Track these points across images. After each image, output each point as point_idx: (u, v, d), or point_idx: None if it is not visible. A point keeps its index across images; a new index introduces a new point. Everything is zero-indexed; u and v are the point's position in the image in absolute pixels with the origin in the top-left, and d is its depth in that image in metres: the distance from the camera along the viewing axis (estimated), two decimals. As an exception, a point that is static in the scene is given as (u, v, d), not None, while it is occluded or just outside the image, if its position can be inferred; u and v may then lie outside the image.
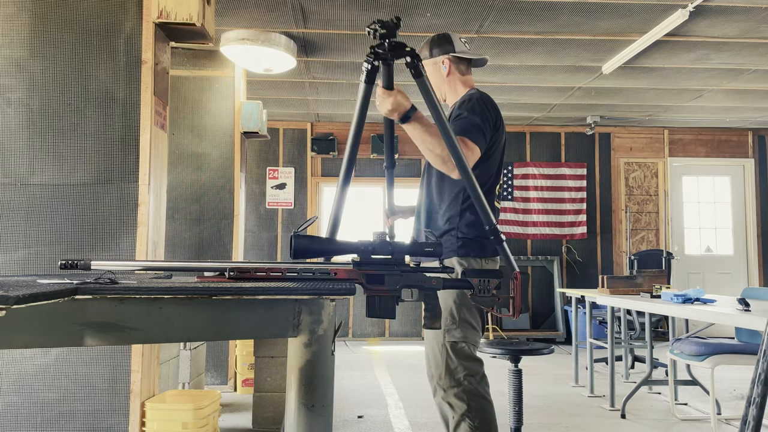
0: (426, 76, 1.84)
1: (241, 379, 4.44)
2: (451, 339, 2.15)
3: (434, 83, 2.30)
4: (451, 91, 2.35)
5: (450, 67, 2.33)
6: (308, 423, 1.22)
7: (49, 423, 2.61)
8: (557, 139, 7.83)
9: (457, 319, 2.16)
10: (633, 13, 4.13)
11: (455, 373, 2.14)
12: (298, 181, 7.59)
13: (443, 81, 2.34)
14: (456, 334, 2.15)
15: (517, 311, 1.53)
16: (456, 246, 2.19)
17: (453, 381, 2.14)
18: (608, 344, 4.18)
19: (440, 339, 2.16)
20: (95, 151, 2.72)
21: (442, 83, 2.34)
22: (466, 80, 2.37)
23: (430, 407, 4.14)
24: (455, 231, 2.20)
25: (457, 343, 2.15)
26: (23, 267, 2.66)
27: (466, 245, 2.19)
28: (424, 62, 2.29)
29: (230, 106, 4.76)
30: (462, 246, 2.19)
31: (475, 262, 2.19)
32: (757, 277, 7.78)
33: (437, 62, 2.33)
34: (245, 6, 4.07)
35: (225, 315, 1.21)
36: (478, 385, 2.15)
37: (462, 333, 2.15)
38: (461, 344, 2.16)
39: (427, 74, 2.27)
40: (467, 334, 2.16)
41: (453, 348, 2.15)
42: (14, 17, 2.72)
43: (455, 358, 2.15)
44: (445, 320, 2.16)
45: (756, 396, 1.49)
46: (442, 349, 2.16)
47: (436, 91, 2.31)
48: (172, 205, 4.56)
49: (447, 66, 2.33)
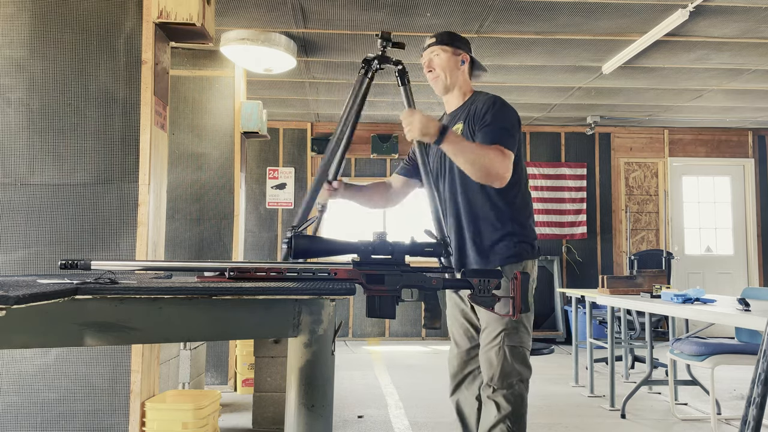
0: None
1: (241, 379, 4.44)
2: (511, 343, 2.16)
3: (447, 69, 2.31)
4: (459, 88, 2.35)
5: (467, 65, 2.35)
6: (308, 423, 1.22)
7: (49, 423, 2.61)
8: (557, 139, 7.83)
9: (517, 322, 2.17)
10: (633, 13, 4.13)
11: (509, 376, 2.16)
12: (298, 181, 7.59)
13: (457, 72, 2.33)
14: (515, 338, 2.16)
15: (517, 311, 1.53)
16: (514, 251, 2.18)
17: (505, 383, 2.16)
18: (608, 344, 4.18)
19: (498, 342, 2.17)
20: (95, 151, 2.72)
21: (455, 73, 2.33)
22: (470, 83, 2.40)
23: (430, 407, 4.14)
24: (512, 237, 2.19)
25: (516, 347, 2.17)
26: (23, 267, 2.66)
27: (524, 249, 2.20)
28: (444, 47, 2.31)
29: (230, 106, 4.76)
30: (521, 251, 2.19)
31: (531, 264, 2.22)
32: (757, 277, 7.78)
33: (459, 54, 2.33)
34: (245, 6, 4.07)
35: (225, 315, 1.21)
36: (525, 391, 2.20)
37: (520, 337, 2.17)
38: (519, 348, 2.17)
39: (443, 59, 2.33)
40: (524, 338, 2.19)
41: (512, 351, 2.16)
42: (14, 17, 2.72)
43: (512, 362, 2.16)
44: (505, 323, 2.16)
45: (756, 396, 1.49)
46: (500, 351, 2.16)
47: (446, 77, 2.32)
48: (172, 205, 4.56)
49: (466, 62, 2.35)
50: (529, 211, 2.28)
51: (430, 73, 2.35)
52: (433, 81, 2.36)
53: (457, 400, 2.38)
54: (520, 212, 2.22)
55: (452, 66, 2.32)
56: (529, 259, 2.21)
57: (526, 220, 2.24)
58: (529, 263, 2.21)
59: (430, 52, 2.34)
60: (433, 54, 2.33)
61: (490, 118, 2.18)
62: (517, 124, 2.22)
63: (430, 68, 2.34)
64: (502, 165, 2.06)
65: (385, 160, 7.57)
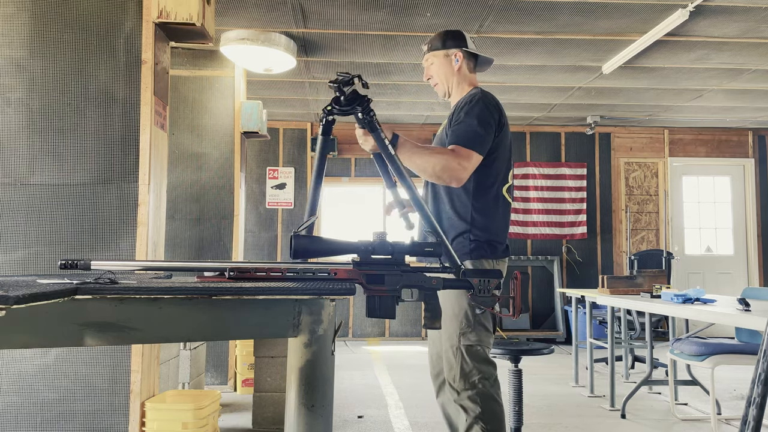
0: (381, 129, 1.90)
1: (241, 379, 4.44)
2: (467, 342, 2.14)
3: (443, 75, 2.33)
4: (458, 86, 2.34)
5: (461, 62, 2.32)
6: (308, 423, 1.22)
7: (49, 423, 2.61)
8: (557, 139, 7.83)
9: (472, 321, 2.15)
10: (633, 13, 4.13)
11: (470, 376, 2.14)
12: (298, 181, 7.59)
13: (452, 74, 2.33)
14: (471, 337, 2.15)
15: (517, 311, 1.53)
16: (469, 249, 2.18)
17: (467, 384, 2.14)
18: (608, 344, 4.18)
19: (454, 342, 2.16)
20: (95, 151, 2.72)
21: (450, 76, 2.33)
22: (472, 79, 2.36)
23: (430, 407, 4.14)
24: (467, 234, 2.19)
25: (472, 346, 2.15)
26: (23, 267, 2.66)
27: (479, 248, 2.19)
28: (435, 53, 2.33)
29: (230, 106, 4.76)
30: (475, 249, 2.18)
31: (488, 264, 2.20)
32: (757, 277, 7.78)
33: (450, 54, 2.32)
34: (245, 6, 4.06)
35: (225, 315, 1.21)
36: (491, 388, 2.16)
37: (477, 336, 2.15)
38: (476, 347, 2.15)
39: (437, 65, 2.33)
40: (482, 336, 2.16)
41: (468, 351, 2.14)
42: (14, 17, 2.72)
43: (470, 361, 2.14)
44: (459, 323, 2.15)
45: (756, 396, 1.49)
46: (457, 351, 2.15)
47: (443, 82, 2.34)
48: (172, 205, 4.56)
49: (459, 59, 2.32)
50: (498, 212, 2.23)
51: (429, 81, 2.39)
52: (435, 89, 2.39)
53: (441, 402, 2.37)
54: (483, 212, 2.20)
55: (447, 70, 2.33)
56: (487, 258, 2.19)
57: (489, 220, 2.20)
58: (485, 262, 2.19)
59: (425, 60, 2.36)
60: (428, 63, 2.36)
61: (462, 116, 2.18)
62: (491, 121, 2.18)
63: (427, 77, 2.38)
64: (454, 167, 2.07)
65: (385, 160, 7.54)
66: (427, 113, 7.15)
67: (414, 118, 7.40)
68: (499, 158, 2.23)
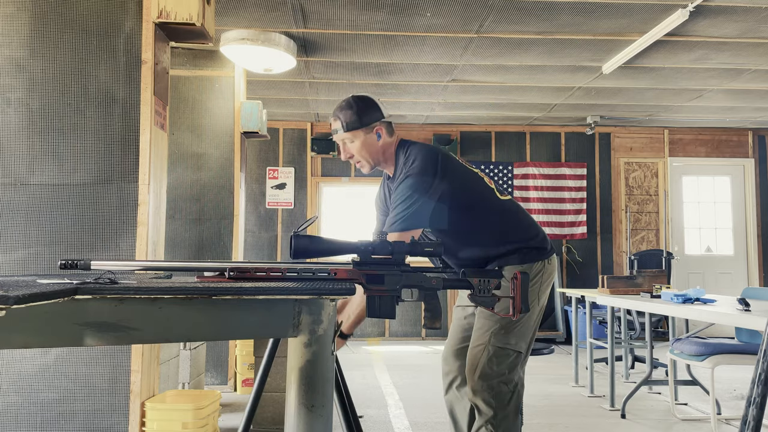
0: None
1: (241, 379, 4.44)
2: (498, 343, 2.07)
3: (367, 153, 2.15)
4: (386, 157, 2.19)
5: (383, 134, 2.16)
6: (308, 423, 1.22)
7: (49, 423, 2.61)
8: (557, 139, 7.83)
9: (513, 324, 2.08)
10: (633, 13, 4.13)
11: (489, 377, 2.06)
12: (298, 181, 7.59)
13: (377, 149, 2.16)
14: (503, 340, 2.07)
15: (517, 311, 1.53)
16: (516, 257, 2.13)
17: (486, 385, 2.06)
18: (608, 344, 4.18)
19: (485, 339, 2.08)
20: (95, 151, 2.72)
21: (376, 153, 2.16)
22: (394, 140, 2.21)
23: (430, 407, 4.14)
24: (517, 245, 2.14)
25: (503, 348, 2.07)
26: (23, 267, 2.66)
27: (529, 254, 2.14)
28: (354, 132, 2.12)
29: (230, 106, 4.76)
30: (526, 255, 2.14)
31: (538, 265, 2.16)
32: (757, 277, 7.78)
33: (371, 129, 2.14)
34: (245, 6, 4.06)
35: (225, 315, 1.21)
36: (512, 396, 2.08)
37: (509, 339, 2.07)
38: (507, 350, 2.08)
39: (358, 145, 2.13)
40: (514, 341, 2.09)
41: (497, 352, 2.07)
42: (14, 17, 2.72)
43: (496, 363, 2.06)
44: (497, 321, 2.06)
45: (756, 396, 1.49)
46: (484, 350, 2.07)
47: (369, 160, 2.16)
48: (172, 205, 4.56)
49: (381, 134, 2.16)
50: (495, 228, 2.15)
51: (350, 159, 2.19)
52: (359, 165, 2.20)
53: (449, 401, 2.34)
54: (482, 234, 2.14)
55: (371, 147, 2.15)
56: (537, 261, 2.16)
57: (490, 237, 2.14)
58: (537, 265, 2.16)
59: (342, 138, 2.15)
60: (346, 141, 2.16)
61: (394, 197, 2.07)
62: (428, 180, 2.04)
63: (348, 156, 2.18)
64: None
65: (385, 160, 7.55)
66: (427, 113, 7.15)
67: (414, 118, 7.40)
68: (460, 187, 2.12)
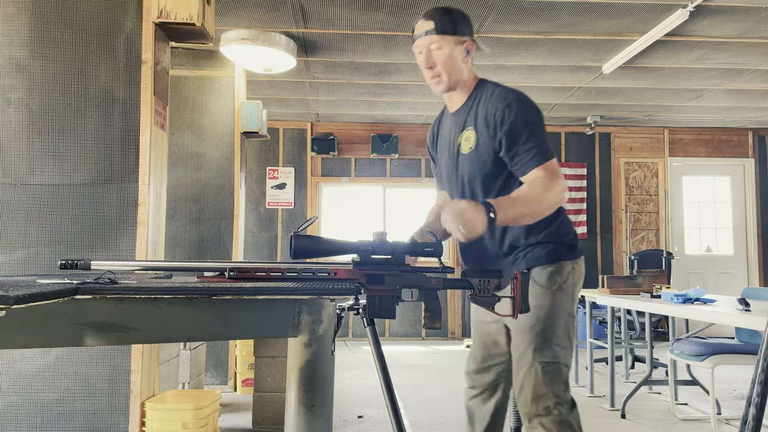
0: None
1: (241, 379, 4.44)
2: (544, 359, 1.81)
3: (451, 66, 1.91)
4: (463, 79, 1.96)
5: (471, 53, 1.96)
6: (308, 423, 1.22)
7: (49, 423, 2.61)
8: (557, 139, 7.82)
9: (550, 335, 1.84)
10: (633, 13, 4.13)
11: (543, 399, 1.80)
12: (298, 181, 7.59)
13: (460, 67, 1.93)
14: (549, 354, 1.82)
15: (517, 311, 1.53)
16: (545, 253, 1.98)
17: (541, 409, 1.80)
18: (608, 344, 4.18)
19: (528, 358, 1.82)
20: (95, 151, 2.72)
21: (457, 66, 1.92)
22: (473, 69, 2.01)
23: (430, 407, 4.14)
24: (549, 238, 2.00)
25: (549, 363, 1.81)
26: (23, 267, 2.66)
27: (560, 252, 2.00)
28: (444, 37, 1.90)
29: (230, 106, 4.76)
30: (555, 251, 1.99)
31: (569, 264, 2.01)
32: (757, 277, 7.78)
33: (461, 42, 1.92)
34: (245, 6, 4.06)
35: (225, 315, 1.21)
36: (570, 415, 1.82)
37: (555, 352, 1.83)
38: (555, 364, 1.82)
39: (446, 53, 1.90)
40: (559, 352, 1.84)
41: (545, 369, 1.80)
42: (14, 17, 2.72)
43: (546, 381, 1.80)
44: (536, 333, 1.82)
45: (756, 396, 1.49)
46: (530, 370, 1.81)
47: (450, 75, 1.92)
48: (172, 205, 4.56)
49: (470, 51, 1.95)
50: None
51: (429, 70, 1.93)
52: (434, 81, 1.95)
53: (471, 407, 2.11)
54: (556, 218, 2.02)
55: (457, 61, 1.92)
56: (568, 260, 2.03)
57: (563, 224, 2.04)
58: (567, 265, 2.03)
59: (429, 42, 1.91)
60: (432, 46, 1.91)
61: (519, 130, 1.83)
62: (540, 117, 1.89)
63: (430, 65, 1.92)
64: (554, 191, 1.83)
65: (385, 160, 7.56)
66: (427, 113, 7.14)
67: (414, 118, 7.40)
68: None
